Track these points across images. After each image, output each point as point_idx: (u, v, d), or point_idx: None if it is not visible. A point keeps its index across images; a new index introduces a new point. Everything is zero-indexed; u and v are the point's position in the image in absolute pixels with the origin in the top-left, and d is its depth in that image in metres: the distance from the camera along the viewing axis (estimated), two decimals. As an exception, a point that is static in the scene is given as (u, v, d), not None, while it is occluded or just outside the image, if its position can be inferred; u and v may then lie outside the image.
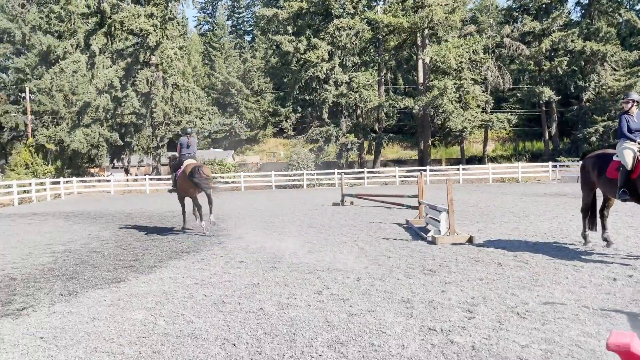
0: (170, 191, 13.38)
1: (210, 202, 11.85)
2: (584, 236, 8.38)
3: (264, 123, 58.74)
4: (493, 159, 50.96)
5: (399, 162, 56.56)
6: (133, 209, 20.26)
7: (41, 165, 35.13)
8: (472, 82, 38.47)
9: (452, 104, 36.49)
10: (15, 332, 4.86)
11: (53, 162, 36.85)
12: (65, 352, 4.28)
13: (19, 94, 55.74)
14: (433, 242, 9.15)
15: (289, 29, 38.93)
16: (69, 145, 34.72)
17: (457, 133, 39.67)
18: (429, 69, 39.96)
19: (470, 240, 9.07)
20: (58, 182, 32.21)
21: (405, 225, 11.91)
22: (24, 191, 28.83)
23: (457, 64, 36.28)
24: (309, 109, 40.38)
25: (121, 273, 7.41)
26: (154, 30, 34.85)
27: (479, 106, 40.79)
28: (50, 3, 54.37)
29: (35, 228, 14.27)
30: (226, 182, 37.39)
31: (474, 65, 39.07)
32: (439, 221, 9.69)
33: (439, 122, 39.71)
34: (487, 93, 42.02)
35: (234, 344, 4.33)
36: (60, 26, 40.72)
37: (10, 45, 61.98)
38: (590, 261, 7.17)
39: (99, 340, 4.53)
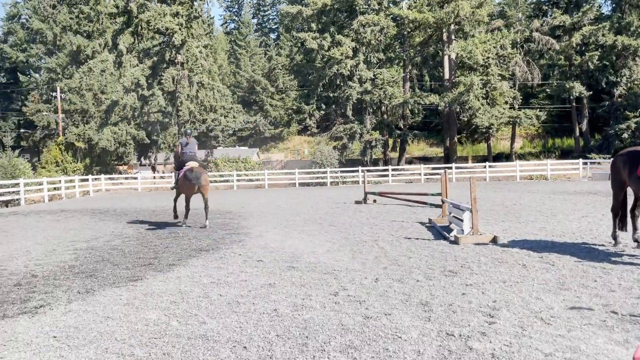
0: (172, 188, 14.19)
1: (206, 207, 12.77)
2: (614, 237, 8.05)
3: (288, 121, 58.77)
4: (521, 156, 49.97)
5: (424, 160, 55.98)
6: (157, 206, 20.46)
7: (71, 162, 35.83)
8: (500, 77, 37.73)
9: (478, 100, 35.85)
10: (29, 330, 4.86)
11: (82, 159, 37.55)
12: (76, 352, 4.25)
13: (51, 93, 57.06)
14: (455, 242, 8.92)
15: (313, 26, 38.81)
16: (97, 143, 35.31)
17: (484, 130, 39.00)
18: (455, 65, 39.36)
19: (494, 240, 8.82)
20: (87, 180, 32.80)
21: (427, 224, 11.68)
22: (54, 188, 29.42)
23: (484, 60, 35.61)
24: (333, 106, 40.21)
25: (139, 271, 7.41)
26: (180, 29, 35.15)
27: (506, 102, 40.01)
28: (80, 4, 55.47)
29: (62, 225, 14.49)
30: (250, 180, 37.56)
31: (501, 61, 38.29)
32: (462, 220, 9.45)
33: (465, 119, 39.06)
34: (515, 89, 41.17)
35: (245, 347, 4.24)
36: (89, 26, 41.42)
37: (42, 46, 63.53)
38: (620, 263, 6.87)
39: (111, 341, 4.49)
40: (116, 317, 5.17)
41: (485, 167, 36.27)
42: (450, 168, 36.05)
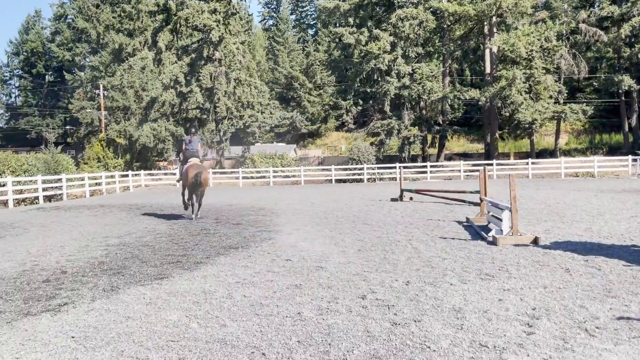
0: (177, 181, 15.65)
1: (199, 204, 13.94)
2: (668, 240, 7.47)
3: (325, 117, 58.58)
4: (566, 153, 48.23)
5: (464, 156, 54.79)
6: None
7: (112, 158, 36.66)
8: (544, 71, 36.39)
9: (521, 94, 34.68)
10: (50, 329, 4.79)
11: (123, 155, 38.37)
12: (92, 354, 4.13)
13: (94, 90, 58.64)
14: (494, 242, 8.50)
15: (351, 20, 38.37)
16: (137, 140, 35.99)
17: (527, 125, 37.71)
18: (496, 59, 38.21)
19: (535, 242, 8.34)
20: (127, 175, 33.48)
21: (465, 224, 11.24)
22: (96, 184, 30.14)
23: (527, 53, 34.39)
24: (371, 101, 39.69)
25: (167, 269, 7.32)
26: (217, 26, 35.36)
27: (551, 97, 38.57)
28: (123, 3, 56.76)
29: (99, 220, 14.70)
30: (286, 176, 37.54)
31: (545, 54, 36.92)
32: (501, 220, 9.00)
33: (507, 114, 37.87)
34: (560, 83, 39.67)
35: (264, 354, 4.02)
36: (130, 24, 42.23)
37: (86, 45, 65.38)
38: (675, 269, 6.34)
39: (128, 343, 4.36)
40: (137, 317, 5.05)
41: (527, 163, 35.15)
42: (491, 165, 35.10)
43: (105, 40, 56.97)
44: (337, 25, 40.49)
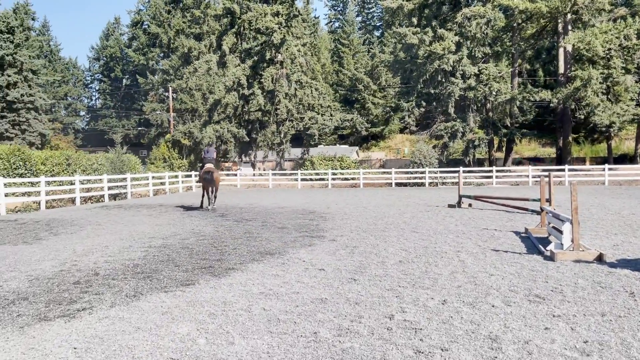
0: (197, 182, 18.97)
1: (214, 197, 17.81)
2: None
3: (387, 119, 57.72)
4: (649, 158, 44.80)
5: (535, 160, 52.22)
6: (248, 203, 20.62)
7: (176, 159, 37.70)
8: (623, 71, 33.87)
9: (597, 96, 32.42)
10: (57, 337, 4.63)
11: (187, 156, 39.40)
12: (86, 369, 3.90)
13: (164, 93, 60.86)
14: (551, 258, 7.69)
15: (414, 20, 37.42)
16: (201, 141, 36.80)
17: (604, 129, 35.25)
18: (571, 58, 36.00)
19: (599, 259, 7.47)
20: (190, 175, 34.29)
21: (523, 234, 10.37)
22: (160, 183, 31.05)
23: (604, 52, 32.10)
24: (434, 103, 38.55)
25: (196, 275, 7.11)
26: (279, 28, 35.54)
27: (632, 99, 35.89)
28: (193, 8, 58.49)
29: (152, 220, 14.90)
30: (345, 179, 37.12)
31: (625, 53, 34.34)
32: (561, 232, 8.17)
33: (582, 117, 35.55)
34: (641, 83, 36.85)
35: (263, 380, 3.63)
36: (195, 28, 43.35)
37: (158, 49, 68.03)
38: None
39: (127, 358, 4.10)
40: (147, 329, 4.81)
41: (604, 169, 32.81)
42: (562, 170, 33.08)
43: (175, 44, 58.99)
44: (400, 25, 39.56)
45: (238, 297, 5.90)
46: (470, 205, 16.81)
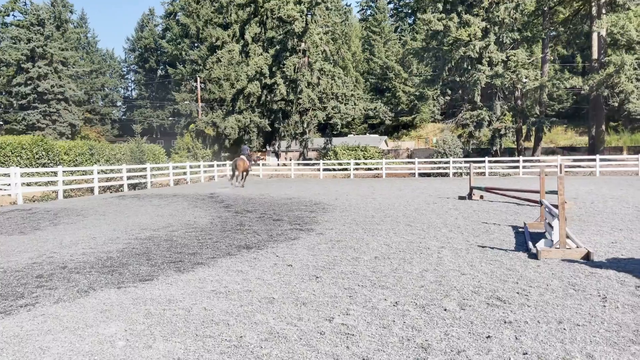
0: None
1: (244, 179, 25.46)
2: None
3: (411, 107, 56.72)
4: (690, 148, 42.63)
5: (571, 150, 50.39)
6: (260, 194, 20.52)
7: (200, 149, 37.99)
8: (661, 56, 32.12)
9: (631, 82, 30.85)
10: (-17, 335, 4.56)
11: (211, 146, 39.65)
12: (-10, 370, 3.79)
13: (193, 83, 61.41)
14: (535, 256, 7.23)
15: (439, 6, 36.36)
16: (224, 130, 36.93)
17: (638, 117, 33.60)
18: (604, 43, 34.35)
19: (586, 257, 6.98)
20: (212, 165, 34.50)
21: (520, 229, 9.87)
22: (183, 173, 31.36)
23: (639, 36, 30.46)
24: (460, 91, 37.52)
25: (161, 269, 6.98)
26: (301, 17, 35.16)
27: None
28: (220, -3, 58.60)
29: (158, 210, 14.96)
30: (369, 169, 36.68)
31: (663, 36, 32.50)
32: (552, 228, 7.69)
33: (616, 104, 33.95)
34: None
35: (157, 389, 3.43)
36: (219, 18, 43.39)
37: (187, 40, 68.62)
38: None
39: None
40: (73, 329, 4.67)
41: (637, 159, 31.31)
42: (594, 160, 31.77)
43: (204, 34, 59.30)
44: (426, 11, 38.56)
45: (188, 294, 5.73)
46: (481, 197, 16.23)
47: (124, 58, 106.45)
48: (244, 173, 25.06)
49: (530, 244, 7.92)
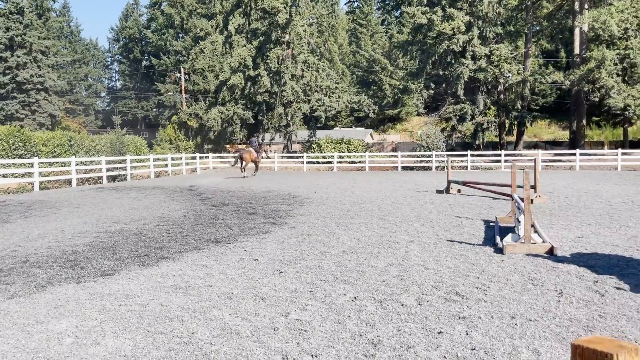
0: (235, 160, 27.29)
1: (256, 170, 27.80)
2: None
3: (395, 100, 56.82)
4: (671, 143, 43.24)
5: (554, 144, 50.91)
6: (239, 186, 20.41)
7: (183, 141, 37.68)
8: (641, 51, 32.40)
9: (612, 77, 31.14)
10: None
11: (194, 138, 39.36)
12: None
13: (177, 74, 60.87)
14: (501, 250, 7.27)
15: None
16: (207, 122, 36.65)
17: (618, 112, 33.97)
18: (586, 38, 34.60)
19: (550, 252, 7.03)
20: (195, 158, 34.26)
21: (492, 224, 9.92)
22: (164, 165, 31.08)
23: (620, 31, 30.72)
24: (443, 85, 37.59)
25: (124, 264, 6.91)
26: (284, 8, 34.92)
27: None
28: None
29: (134, 203, 14.81)
30: (352, 162, 36.67)
31: (644, 32, 32.84)
32: (520, 223, 7.75)
33: (596, 100, 34.24)
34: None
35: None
36: (203, 8, 42.98)
37: (172, 30, 67.90)
38: None
39: (-20, 356, 3.90)
40: (23, 325, 4.60)
41: (617, 154, 31.68)
42: (574, 154, 32.09)
43: (188, 25, 58.70)
44: (410, 5, 38.51)
45: (147, 290, 5.67)
46: (459, 191, 16.31)
47: (108, 48, 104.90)
48: (254, 164, 27.40)
49: (497, 239, 7.96)
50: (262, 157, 29.23)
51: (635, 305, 4.81)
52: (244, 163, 26.10)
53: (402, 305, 4.99)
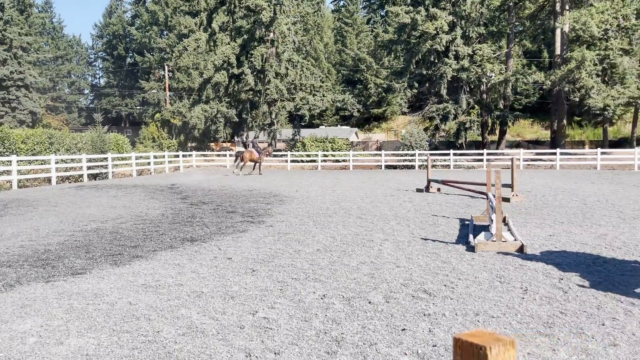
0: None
1: (259, 169, 28.27)
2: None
3: (379, 100, 57.02)
4: (651, 142, 43.91)
5: (537, 143, 51.52)
6: (221, 185, 20.35)
7: (166, 139, 37.45)
8: (621, 53, 32.89)
9: (591, 78, 31.55)
10: None
11: (177, 136, 39.14)
12: None
13: (161, 72, 60.46)
14: (473, 249, 7.36)
15: (408, -1, 36.47)
16: (190, 121, 36.46)
17: (598, 112, 34.44)
18: (567, 39, 35.02)
19: (520, 250, 7.14)
20: (178, 156, 34.07)
21: (467, 222, 10.03)
22: (147, 163, 30.86)
23: (600, 32, 31.12)
24: (426, 84, 37.82)
25: (96, 263, 6.88)
26: (268, 6, 34.86)
27: (622, 80, 34.53)
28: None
29: (111, 201, 14.71)
30: (336, 161, 36.74)
31: (624, 34, 33.31)
32: (492, 221, 7.84)
33: (577, 100, 34.67)
34: (640, 65, 35.85)
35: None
36: (186, 6, 42.74)
37: (156, 27, 67.38)
38: (665, 299, 5.03)
39: (-60, 356, 3.87)
40: (-10, 323, 4.57)
41: (596, 154, 32.12)
42: (555, 154, 32.48)
43: (172, 22, 58.26)
44: (394, 4, 38.67)
45: (117, 288, 5.65)
46: (438, 189, 16.43)
47: (92, 45, 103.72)
48: (255, 164, 28.20)
49: (471, 237, 8.06)
50: (267, 156, 29.55)
51: (596, 302, 4.91)
52: (242, 162, 27.03)
53: (370, 302, 5.04)
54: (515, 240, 7.50)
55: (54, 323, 4.56)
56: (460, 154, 35.33)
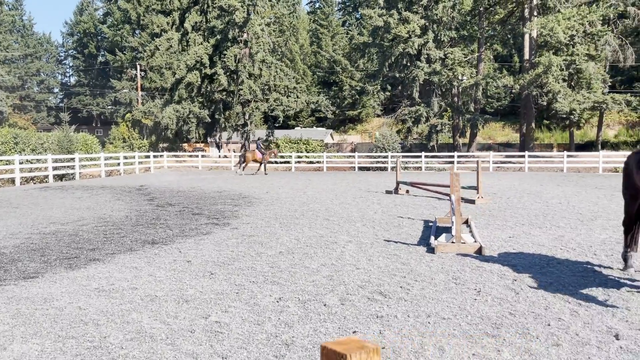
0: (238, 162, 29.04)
1: (264, 169, 29.01)
2: (625, 258, 6.21)
3: (353, 102, 57.30)
4: (614, 146, 45.13)
5: (507, 146, 52.39)
6: (191, 186, 20.14)
7: (137, 139, 36.90)
8: (587, 58, 33.67)
9: (558, 82, 32.24)
10: None
11: (148, 136, 38.60)
12: None
13: (133, 71, 59.57)
14: (432, 250, 7.43)
15: (381, 2, 36.66)
16: (161, 121, 36.02)
17: (564, 116, 35.21)
18: (535, 44, 35.71)
19: (479, 252, 7.24)
20: (149, 156, 33.61)
21: (431, 224, 10.13)
22: (117, 164, 30.34)
23: (566, 38, 31.82)
24: (399, 87, 38.11)
25: (51, 266, 6.73)
26: (242, 7, 34.68)
27: (588, 85, 35.37)
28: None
29: (75, 203, 14.42)
30: (310, 162, 36.73)
31: (589, 40, 34.11)
32: (453, 224, 7.93)
33: (545, 104, 35.38)
34: (605, 71, 36.78)
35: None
36: (158, 5, 42.24)
37: (128, 26, 66.43)
38: (611, 298, 5.15)
39: None
40: None
41: (563, 157, 32.82)
42: (523, 157, 33.07)
43: (145, 21, 57.51)
44: (368, 7, 38.90)
45: (68, 293, 5.54)
46: (407, 191, 16.57)
47: (62, 42, 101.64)
48: (260, 164, 28.79)
49: (432, 239, 8.13)
50: (272, 156, 30.24)
51: (545, 303, 5.01)
52: (245, 163, 27.98)
53: (325, 305, 5.04)
54: (475, 242, 7.61)
55: (0, 329, 4.45)
56: (432, 156, 35.70)
